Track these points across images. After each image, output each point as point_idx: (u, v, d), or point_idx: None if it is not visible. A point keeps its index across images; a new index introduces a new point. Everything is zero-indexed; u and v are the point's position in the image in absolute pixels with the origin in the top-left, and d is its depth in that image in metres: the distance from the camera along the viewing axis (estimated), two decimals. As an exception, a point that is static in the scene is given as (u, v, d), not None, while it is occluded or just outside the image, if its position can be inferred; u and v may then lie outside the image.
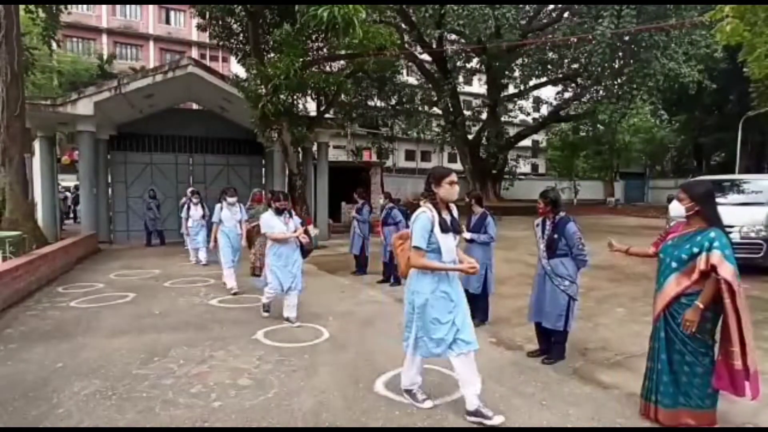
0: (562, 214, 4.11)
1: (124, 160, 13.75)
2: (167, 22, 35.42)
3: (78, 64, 27.80)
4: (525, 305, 4.65)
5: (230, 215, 7.17)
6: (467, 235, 3.84)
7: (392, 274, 7.50)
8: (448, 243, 3.06)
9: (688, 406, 2.95)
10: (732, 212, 7.57)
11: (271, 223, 5.27)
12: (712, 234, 2.86)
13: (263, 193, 8.23)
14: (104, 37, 32.75)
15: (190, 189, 10.63)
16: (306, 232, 5.45)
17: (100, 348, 4.59)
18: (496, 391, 3.60)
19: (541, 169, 39.98)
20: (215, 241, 7.23)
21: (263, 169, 15.42)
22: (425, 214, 3.06)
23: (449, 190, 3.11)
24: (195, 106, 17.10)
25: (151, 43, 34.44)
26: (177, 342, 4.75)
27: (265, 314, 5.64)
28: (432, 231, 3.02)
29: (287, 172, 12.74)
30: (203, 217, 9.65)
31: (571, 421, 3.16)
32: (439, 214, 3.08)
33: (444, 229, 3.05)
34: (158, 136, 14.07)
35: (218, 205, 7.25)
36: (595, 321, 5.51)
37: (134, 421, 3.14)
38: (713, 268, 2.78)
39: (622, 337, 4.92)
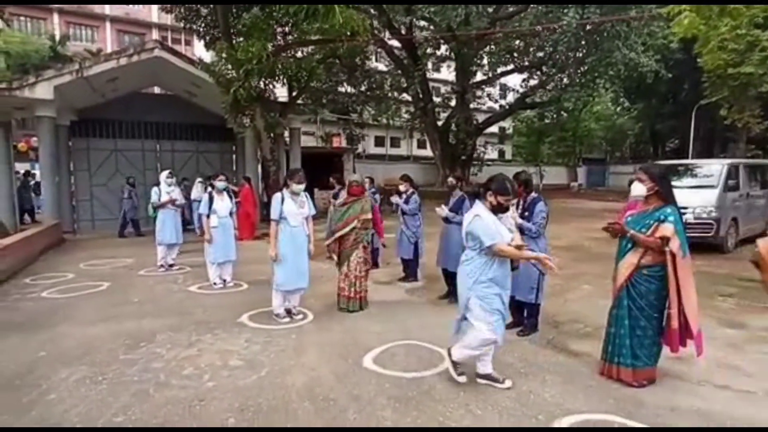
0: (534, 195, 4.35)
1: (87, 147, 13.22)
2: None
3: (28, 45, 26.09)
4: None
5: (222, 204, 6.56)
6: (444, 212, 3.97)
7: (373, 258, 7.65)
8: None
9: (639, 366, 3.35)
10: (686, 194, 8.15)
11: (497, 229, 3.28)
12: (669, 210, 3.24)
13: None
14: (56, 17, 30.87)
15: (167, 171, 8.24)
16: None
17: (81, 336, 4.54)
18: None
19: (508, 155, 40.80)
20: (208, 233, 6.35)
21: (234, 156, 15.18)
22: None
23: None
24: (158, 90, 16.56)
25: (108, 24, 32.72)
26: (161, 328, 4.75)
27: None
28: None
29: (260, 158, 12.61)
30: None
31: (548, 385, 3.43)
32: None
33: None
34: (122, 121, 13.57)
35: (205, 194, 6.73)
36: (564, 297, 5.86)
37: (129, 404, 3.19)
38: (664, 239, 3.14)
39: (590, 310, 5.26)
